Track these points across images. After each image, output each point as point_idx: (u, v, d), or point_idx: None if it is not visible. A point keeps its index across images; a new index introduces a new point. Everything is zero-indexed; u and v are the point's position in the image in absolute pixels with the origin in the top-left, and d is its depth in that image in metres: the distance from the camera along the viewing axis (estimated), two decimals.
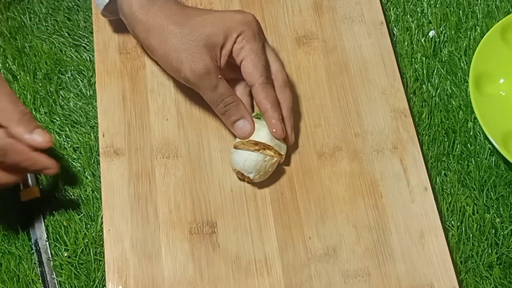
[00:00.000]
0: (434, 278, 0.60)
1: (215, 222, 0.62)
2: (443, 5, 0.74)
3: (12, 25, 0.73)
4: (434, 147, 0.67)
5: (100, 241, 0.62)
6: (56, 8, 0.74)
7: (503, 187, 0.65)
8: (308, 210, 0.63)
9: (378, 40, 0.71)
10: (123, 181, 0.63)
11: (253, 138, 0.61)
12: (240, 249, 0.61)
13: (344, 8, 0.72)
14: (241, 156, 0.61)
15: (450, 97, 0.70)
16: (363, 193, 0.64)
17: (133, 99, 0.67)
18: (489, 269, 0.62)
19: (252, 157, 0.60)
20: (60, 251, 0.62)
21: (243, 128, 0.61)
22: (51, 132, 0.67)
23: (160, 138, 0.65)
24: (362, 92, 0.68)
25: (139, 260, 0.60)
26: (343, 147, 0.66)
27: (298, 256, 0.61)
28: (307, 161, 0.65)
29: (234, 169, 0.62)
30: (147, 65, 0.69)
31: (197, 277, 0.60)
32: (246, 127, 0.61)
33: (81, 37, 0.72)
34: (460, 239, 0.63)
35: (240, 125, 0.61)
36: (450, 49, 0.72)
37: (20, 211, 0.64)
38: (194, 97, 0.67)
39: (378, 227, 0.62)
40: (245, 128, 0.61)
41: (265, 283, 0.60)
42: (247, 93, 0.64)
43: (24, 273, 0.61)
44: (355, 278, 0.60)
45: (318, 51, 0.70)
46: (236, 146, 0.62)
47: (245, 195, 0.63)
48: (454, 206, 0.65)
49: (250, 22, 0.60)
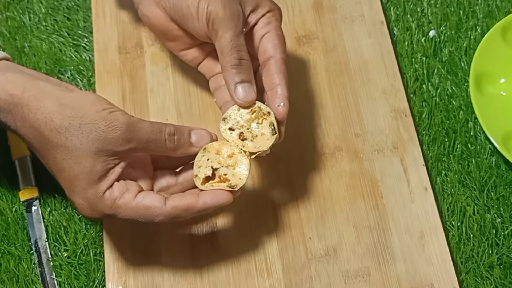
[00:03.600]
0: (435, 278, 0.60)
1: (215, 222, 0.62)
2: (443, 5, 0.74)
3: (12, 25, 0.72)
4: (434, 147, 0.67)
5: (100, 241, 0.62)
6: (56, 8, 0.73)
7: (503, 187, 0.65)
8: (308, 210, 0.63)
9: (378, 40, 0.70)
10: None
11: None
12: (240, 249, 0.61)
13: (344, 8, 0.72)
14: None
15: (451, 97, 0.69)
16: (363, 193, 0.64)
17: (132, 99, 0.67)
18: (490, 269, 0.62)
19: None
20: (60, 251, 0.62)
21: (248, 92, 0.55)
22: None
23: None
24: (362, 92, 0.68)
25: (139, 260, 0.60)
26: (343, 147, 0.66)
27: (298, 256, 0.61)
28: (307, 161, 0.65)
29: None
30: (147, 65, 0.69)
31: (197, 277, 0.60)
32: (251, 92, 0.55)
33: (80, 37, 0.72)
34: (461, 239, 0.63)
35: (246, 87, 0.55)
36: (450, 49, 0.72)
37: (20, 211, 0.64)
38: (194, 97, 0.67)
39: (378, 227, 0.62)
40: (250, 93, 0.55)
41: (265, 283, 0.60)
42: None
43: (23, 274, 0.61)
44: (355, 278, 0.60)
45: (318, 51, 0.70)
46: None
47: (245, 195, 0.63)
48: (455, 206, 0.64)
49: (278, 8, 0.59)
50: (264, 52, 0.57)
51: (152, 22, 0.60)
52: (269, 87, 0.57)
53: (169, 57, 0.69)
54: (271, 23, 0.58)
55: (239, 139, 0.55)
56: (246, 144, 0.55)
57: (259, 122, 0.55)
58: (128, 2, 0.66)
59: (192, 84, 0.68)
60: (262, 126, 0.55)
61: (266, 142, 0.55)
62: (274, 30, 0.57)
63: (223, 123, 0.56)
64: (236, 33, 0.55)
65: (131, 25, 0.71)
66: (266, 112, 0.55)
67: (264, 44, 0.57)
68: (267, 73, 0.57)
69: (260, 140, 0.55)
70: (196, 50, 0.61)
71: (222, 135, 0.55)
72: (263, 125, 0.55)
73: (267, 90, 0.57)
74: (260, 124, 0.55)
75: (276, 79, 0.56)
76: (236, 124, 0.56)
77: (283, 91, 0.56)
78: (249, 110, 0.56)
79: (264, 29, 0.57)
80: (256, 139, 0.55)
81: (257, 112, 0.55)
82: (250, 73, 0.56)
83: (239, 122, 0.56)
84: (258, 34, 0.58)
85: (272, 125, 0.55)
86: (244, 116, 0.56)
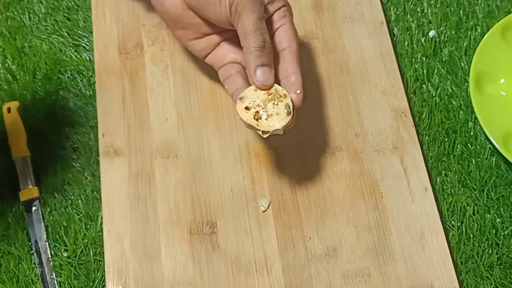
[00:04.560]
0: (435, 278, 0.60)
1: (215, 222, 0.62)
2: (443, 5, 0.74)
3: (12, 24, 0.72)
4: (434, 147, 0.67)
5: (100, 241, 0.62)
6: (56, 8, 0.73)
7: (503, 187, 0.65)
8: (308, 210, 0.63)
9: (378, 40, 0.70)
10: (122, 181, 0.63)
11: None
12: (240, 249, 0.61)
13: (344, 8, 0.72)
14: None
15: (451, 97, 0.70)
16: (363, 193, 0.64)
17: (132, 99, 0.67)
18: (490, 269, 0.62)
19: None
20: (60, 251, 0.62)
21: (268, 75, 0.56)
22: (50, 133, 0.67)
23: (159, 138, 0.65)
24: (362, 92, 0.68)
25: (139, 260, 0.60)
26: (343, 147, 0.66)
27: (298, 256, 0.61)
28: (307, 161, 0.65)
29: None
30: (147, 65, 0.69)
31: (197, 277, 0.60)
32: (271, 76, 0.56)
33: (80, 37, 0.72)
34: (461, 239, 0.63)
35: (266, 71, 0.56)
36: (450, 49, 0.72)
37: (20, 211, 0.64)
38: (194, 97, 0.67)
39: (378, 227, 0.62)
40: (269, 77, 0.56)
41: (265, 283, 0.60)
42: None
43: (23, 274, 0.61)
44: (355, 278, 0.60)
45: (318, 51, 0.70)
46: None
47: (245, 195, 0.63)
48: (455, 206, 0.64)
49: (289, 4, 0.60)
50: (280, 43, 0.58)
51: (166, 9, 0.60)
52: (283, 75, 0.58)
53: (169, 57, 0.69)
54: (286, 16, 0.59)
55: (253, 119, 0.55)
56: (260, 123, 0.55)
57: (275, 103, 0.56)
58: (128, 1, 0.66)
59: (192, 84, 0.68)
60: (278, 107, 0.56)
61: (281, 121, 0.55)
62: (289, 23, 0.59)
63: (239, 102, 0.56)
64: (260, 17, 0.56)
65: (131, 25, 0.71)
66: (282, 94, 0.56)
67: (280, 35, 0.58)
68: (282, 62, 0.58)
69: (275, 119, 0.55)
70: (206, 41, 0.61)
71: (238, 113, 0.56)
72: (279, 106, 0.56)
73: (281, 78, 0.58)
74: (276, 105, 0.56)
75: (291, 68, 0.57)
76: (252, 103, 0.56)
77: (299, 79, 0.57)
78: (266, 92, 0.56)
79: (280, 22, 0.59)
80: (271, 118, 0.55)
81: (273, 94, 0.56)
82: (271, 58, 0.57)
83: (255, 101, 0.56)
84: (274, 26, 0.59)
85: (288, 107, 0.55)
86: (261, 96, 0.56)
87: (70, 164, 0.66)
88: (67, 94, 0.69)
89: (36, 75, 0.70)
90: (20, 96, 0.69)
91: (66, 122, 0.67)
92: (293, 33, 0.59)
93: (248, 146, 0.65)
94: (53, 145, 0.66)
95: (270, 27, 0.58)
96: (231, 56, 0.61)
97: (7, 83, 0.69)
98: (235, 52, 0.61)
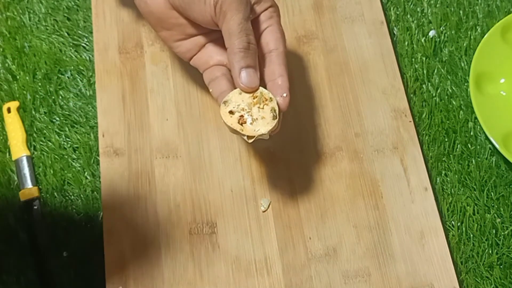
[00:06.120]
0: (435, 278, 0.60)
1: (215, 222, 0.62)
2: (443, 5, 0.74)
3: (12, 24, 0.72)
4: (434, 147, 0.67)
5: (100, 241, 0.62)
6: (56, 8, 0.73)
7: (503, 187, 0.65)
8: (308, 210, 0.63)
9: (378, 40, 0.70)
10: (122, 181, 0.63)
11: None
12: (240, 249, 0.61)
13: (344, 8, 0.72)
14: None
15: (451, 97, 0.69)
16: (363, 193, 0.64)
17: (132, 99, 0.67)
18: (490, 269, 0.62)
19: None
20: (60, 251, 0.62)
21: (253, 77, 0.55)
22: (50, 132, 0.67)
23: (159, 138, 0.65)
24: (362, 92, 0.68)
25: (139, 260, 0.60)
26: (343, 147, 0.66)
27: (298, 256, 0.61)
28: (307, 161, 0.65)
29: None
30: (147, 65, 0.69)
31: (197, 277, 0.60)
32: (255, 79, 0.55)
33: (80, 37, 0.72)
34: (461, 239, 0.63)
35: (251, 73, 0.55)
36: (450, 49, 0.72)
37: (20, 211, 0.64)
38: (194, 97, 0.67)
39: (378, 227, 0.62)
40: (254, 79, 0.55)
41: (265, 283, 0.60)
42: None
43: (24, 274, 0.61)
44: (355, 278, 0.60)
45: (318, 51, 0.70)
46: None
47: (245, 195, 0.63)
48: (455, 206, 0.64)
49: (277, 5, 0.59)
50: (267, 44, 0.57)
51: (150, 9, 0.58)
52: (270, 78, 0.57)
53: (169, 57, 0.69)
54: (273, 17, 0.58)
55: (238, 123, 0.54)
56: (244, 128, 0.54)
57: (261, 107, 0.55)
58: (129, 1, 0.66)
59: (192, 84, 0.68)
60: (263, 110, 0.54)
61: (267, 126, 0.54)
62: (277, 24, 0.57)
63: (223, 106, 0.55)
64: (245, 17, 0.54)
65: (131, 25, 0.71)
66: (268, 98, 0.54)
67: (267, 37, 0.57)
68: (269, 64, 0.57)
69: (260, 123, 0.54)
70: (191, 42, 0.60)
71: (222, 118, 0.55)
72: (265, 110, 0.54)
73: (267, 81, 0.57)
74: (262, 109, 0.54)
75: (278, 70, 0.56)
76: (237, 107, 0.55)
77: (285, 82, 0.56)
78: (251, 95, 0.55)
79: (266, 23, 0.57)
80: (256, 122, 0.54)
81: (259, 97, 0.55)
82: (256, 59, 0.56)
83: (240, 105, 0.55)
84: (261, 27, 0.57)
85: (274, 111, 0.54)
86: (246, 100, 0.55)
87: (70, 164, 0.66)
88: (67, 94, 0.69)
89: (36, 75, 0.70)
90: (20, 96, 0.69)
91: (66, 122, 0.68)
92: (280, 34, 0.57)
93: (248, 146, 0.65)
94: (53, 145, 0.66)
95: (257, 28, 0.57)
96: (217, 58, 0.59)
97: (7, 83, 0.69)
98: (220, 54, 0.59)
